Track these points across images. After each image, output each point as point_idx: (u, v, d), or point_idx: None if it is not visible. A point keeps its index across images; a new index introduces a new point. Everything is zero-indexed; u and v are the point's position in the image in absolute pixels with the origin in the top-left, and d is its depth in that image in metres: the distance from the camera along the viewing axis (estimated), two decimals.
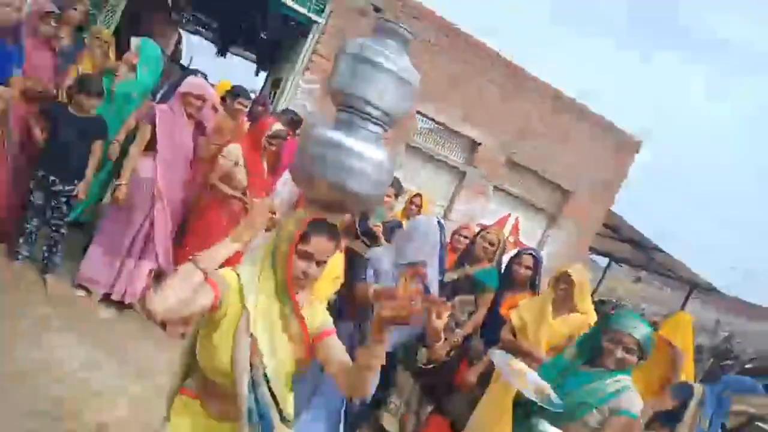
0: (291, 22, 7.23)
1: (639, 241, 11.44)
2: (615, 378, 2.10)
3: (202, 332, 1.57)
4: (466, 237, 4.25)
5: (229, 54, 13.46)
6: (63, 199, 3.61)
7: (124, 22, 6.14)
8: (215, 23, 12.09)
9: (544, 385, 2.10)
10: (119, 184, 3.61)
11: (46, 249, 3.69)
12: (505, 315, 3.22)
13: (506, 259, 3.75)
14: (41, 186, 3.54)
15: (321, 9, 6.55)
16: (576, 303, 2.97)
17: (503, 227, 5.92)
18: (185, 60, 12.81)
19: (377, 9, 6.72)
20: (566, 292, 3.00)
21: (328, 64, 6.60)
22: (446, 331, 3.45)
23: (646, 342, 2.10)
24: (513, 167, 8.16)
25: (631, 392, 2.08)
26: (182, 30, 13.43)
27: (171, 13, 10.41)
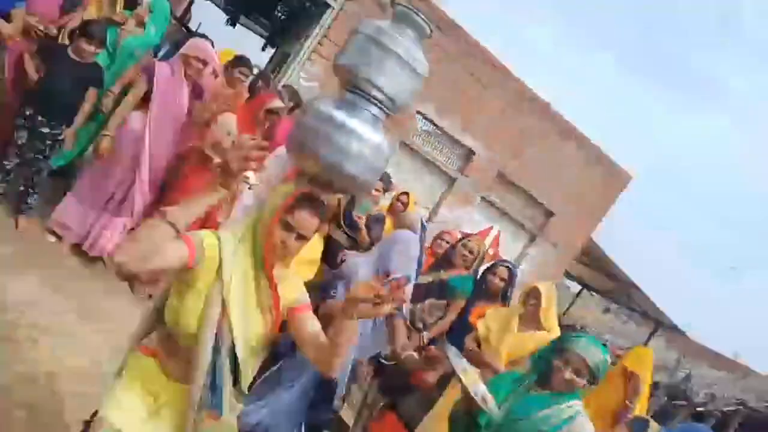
0: (307, 2, 7.18)
1: (615, 274, 11.58)
2: (568, 403, 2.08)
3: (174, 291, 1.55)
4: (448, 242, 4.27)
5: (239, 26, 13.31)
6: (48, 142, 3.53)
7: None
8: None
9: (489, 397, 2.09)
10: (105, 135, 3.55)
11: (23, 189, 3.61)
12: (473, 323, 3.24)
13: (482, 270, 3.78)
14: (27, 125, 3.46)
15: None
16: (542, 320, 3.00)
17: (485, 238, 5.95)
18: (194, 24, 12.64)
19: (393, 1, 6.70)
20: (535, 308, 3.03)
21: (335, 49, 6.56)
22: (412, 332, 3.46)
23: (598, 367, 2.06)
24: (502, 181, 8.20)
25: (583, 417, 2.07)
26: None
27: None
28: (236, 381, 1.55)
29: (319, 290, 2.61)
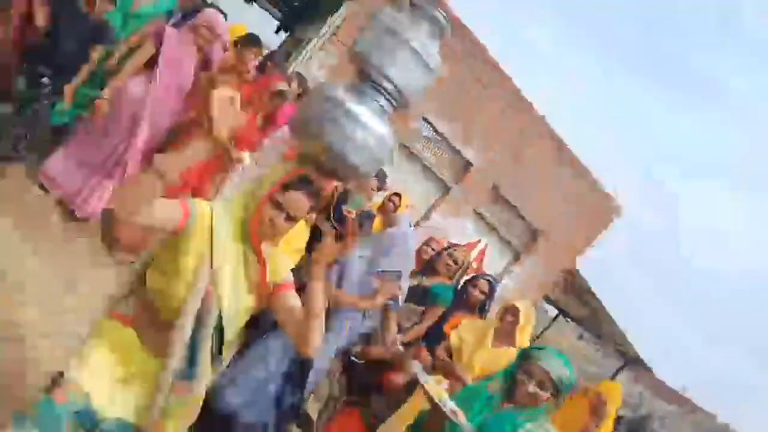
0: None
1: (591, 303, 11.66)
2: (539, 423, 2.01)
3: (162, 257, 1.52)
4: (434, 249, 4.26)
5: (255, 5, 13.22)
6: (47, 94, 3.48)
7: None
8: None
9: (460, 412, 2.06)
10: (104, 97, 3.48)
11: (15, 137, 3.56)
12: (448, 333, 3.24)
13: (464, 281, 3.78)
14: (28, 74, 3.41)
15: None
16: (516, 337, 3.00)
17: (471, 250, 5.96)
18: None
19: (412, 3, 6.69)
20: (511, 325, 3.02)
21: (350, 40, 6.55)
22: (385, 334, 3.45)
23: (561, 379, 1.99)
24: (496, 196, 8.23)
25: None
26: None
27: None
28: (217, 353, 1.54)
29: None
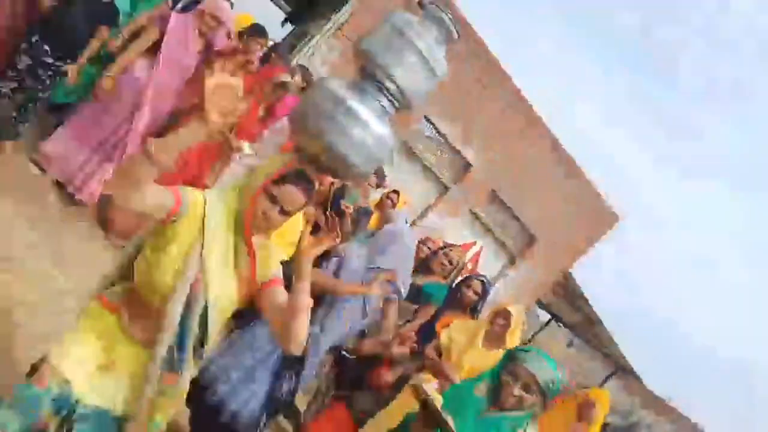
0: None
1: (584, 310, 11.70)
2: (524, 430, 1.97)
3: (151, 244, 1.51)
4: (430, 248, 4.27)
5: None
6: (49, 73, 3.46)
7: None
8: None
9: (449, 417, 2.03)
10: (107, 76, 3.48)
11: (15, 115, 3.53)
12: (439, 331, 3.24)
13: (457, 281, 3.78)
14: (31, 52, 3.38)
15: None
16: (506, 340, 3.00)
17: (466, 251, 5.98)
18: None
19: (421, 3, 6.68)
20: (502, 329, 3.02)
21: (355, 37, 6.55)
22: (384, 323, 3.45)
23: (548, 384, 1.94)
24: (493, 198, 8.24)
25: None
26: None
27: None
28: (201, 344, 1.53)
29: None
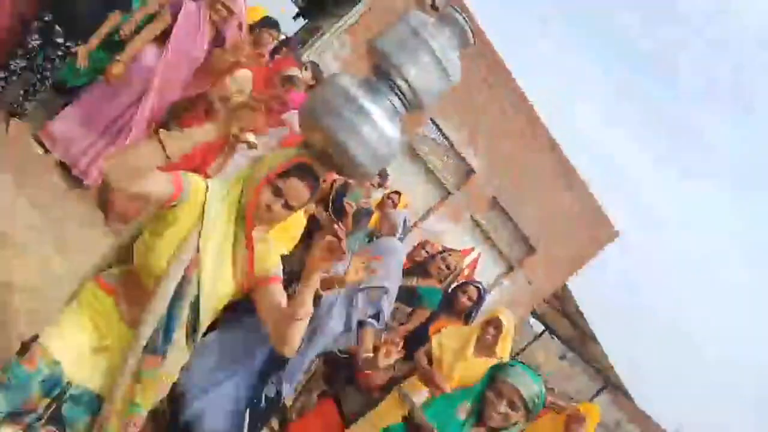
0: None
1: (578, 323, 11.69)
2: None
3: (150, 227, 1.51)
4: (428, 252, 4.27)
5: None
6: (59, 53, 3.45)
7: None
8: None
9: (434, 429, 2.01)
10: (118, 60, 3.47)
11: (23, 93, 3.53)
12: (431, 336, 3.24)
13: (453, 287, 3.78)
14: (44, 30, 3.38)
15: None
16: (497, 349, 3.00)
17: (465, 257, 5.98)
18: None
19: (435, 6, 6.69)
20: (494, 338, 3.01)
21: (367, 34, 6.56)
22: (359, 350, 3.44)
23: (533, 399, 1.92)
24: (494, 206, 8.25)
25: None
26: None
27: None
28: (194, 330, 1.52)
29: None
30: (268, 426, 3.21)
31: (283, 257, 1.69)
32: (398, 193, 4.76)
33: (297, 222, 2.87)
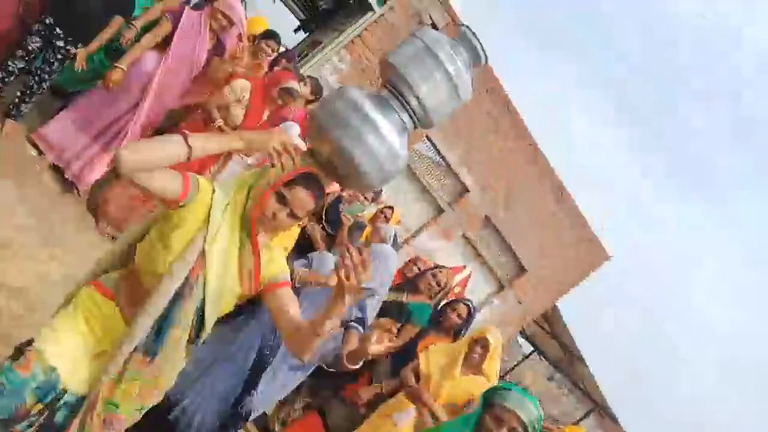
0: (351, 0, 7.22)
1: (567, 345, 11.68)
2: None
3: (157, 227, 1.50)
4: (419, 268, 4.27)
5: (279, 1, 13.29)
6: (59, 56, 3.46)
7: None
8: None
9: None
10: (117, 67, 3.49)
11: (20, 95, 3.53)
12: (419, 353, 3.23)
13: (443, 304, 3.78)
14: (44, 33, 3.39)
15: (384, 1, 6.57)
16: (484, 367, 2.99)
17: (456, 275, 5.99)
18: None
19: (435, 27, 6.76)
20: (481, 357, 3.01)
21: (366, 51, 6.62)
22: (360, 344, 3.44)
23: (533, 425, 1.90)
24: (487, 225, 8.27)
25: None
26: None
27: None
28: (195, 337, 1.51)
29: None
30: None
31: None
32: (391, 209, 4.78)
33: (291, 234, 2.87)
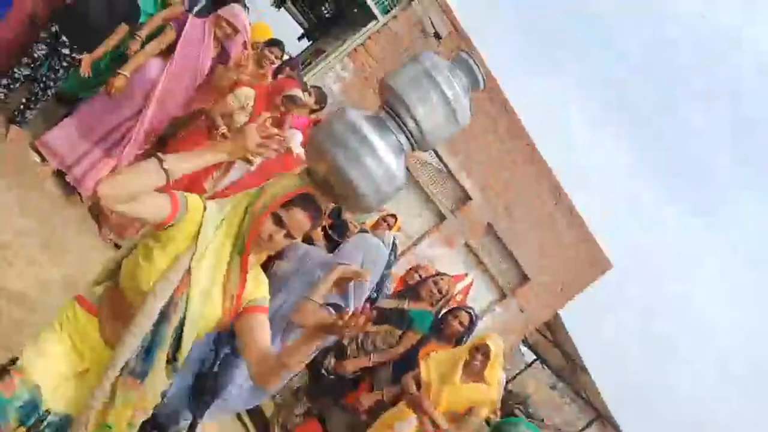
0: (355, 9, 7.27)
1: (570, 354, 11.63)
2: None
3: (141, 247, 1.48)
4: (421, 276, 4.27)
5: (283, 9, 13.38)
6: (64, 64, 3.49)
7: None
8: None
9: None
10: (120, 74, 3.50)
11: (25, 101, 3.56)
12: (420, 361, 3.23)
13: (444, 311, 3.78)
14: (50, 40, 3.42)
15: (388, 10, 6.60)
16: (485, 374, 2.99)
17: (457, 283, 5.98)
18: None
19: (438, 35, 6.80)
20: (482, 365, 3.01)
21: (369, 59, 6.66)
22: (361, 352, 3.44)
23: None
24: (489, 233, 8.26)
25: None
26: None
27: None
28: (172, 359, 1.48)
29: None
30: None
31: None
32: (394, 217, 4.78)
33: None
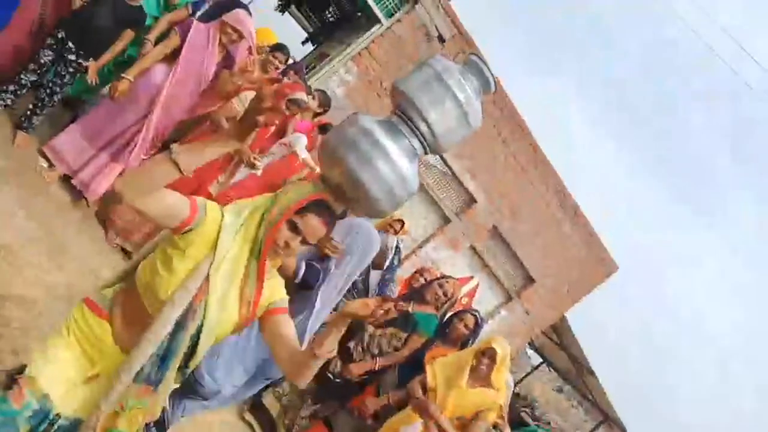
0: (359, 12, 7.29)
1: (576, 356, 11.57)
2: None
3: (160, 251, 1.49)
4: (426, 279, 4.27)
5: (287, 13, 13.43)
6: (71, 70, 3.52)
7: None
8: None
9: None
10: (124, 78, 3.50)
11: (31, 107, 3.58)
12: (426, 364, 3.22)
13: (450, 314, 3.77)
14: (56, 47, 3.45)
15: (392, 14, 6.61)
16: (492, 378, 2.97)
17: (462, 286, 5.97)
18: None
19: (441, 39, 6.79)
20: (488, 368, 2.99)
21: (373, 63, 6.66)
22: (366, 355, 3.44)
23: None
24: (494, 236, 8.24)
25: None
26: None
27: None
28: (186, 364, 1.50)
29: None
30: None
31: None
32: (402, 221, 4.76)
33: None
